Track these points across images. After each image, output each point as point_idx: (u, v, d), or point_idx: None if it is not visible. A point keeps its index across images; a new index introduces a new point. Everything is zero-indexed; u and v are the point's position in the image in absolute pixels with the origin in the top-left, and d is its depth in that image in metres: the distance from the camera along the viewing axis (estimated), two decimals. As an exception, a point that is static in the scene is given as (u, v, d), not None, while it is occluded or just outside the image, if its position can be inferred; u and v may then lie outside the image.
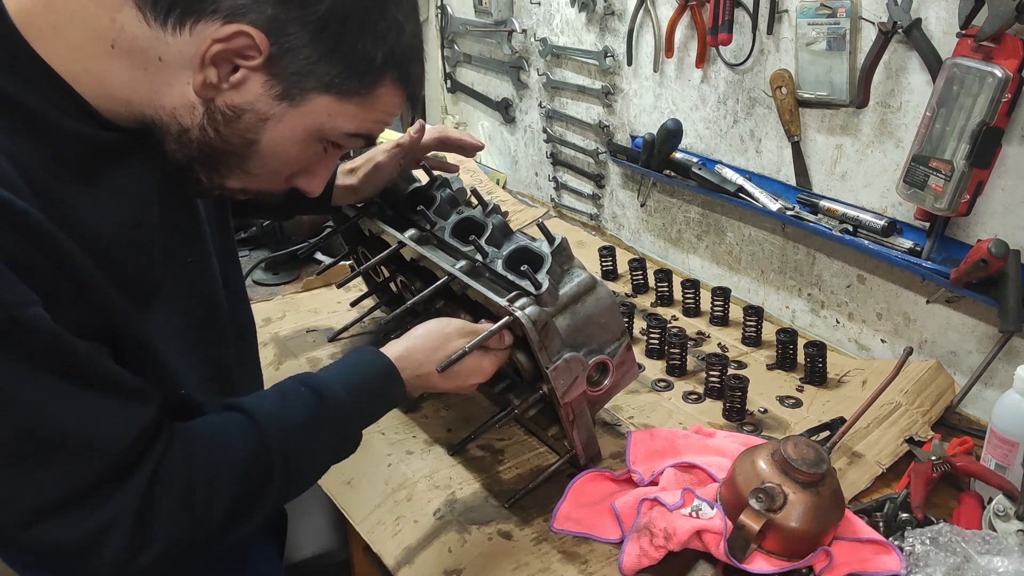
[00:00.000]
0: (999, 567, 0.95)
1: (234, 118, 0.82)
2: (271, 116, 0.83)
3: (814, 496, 1.03)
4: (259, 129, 0.84)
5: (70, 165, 0.80)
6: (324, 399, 0.94)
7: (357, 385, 0.98)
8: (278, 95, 0.82)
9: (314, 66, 0.81)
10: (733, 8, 1.63)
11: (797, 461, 1.03)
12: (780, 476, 1.04)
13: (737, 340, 1.67)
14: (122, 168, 0.86)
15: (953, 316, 1.45)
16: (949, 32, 1.30)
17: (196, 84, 0.80)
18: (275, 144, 0.85)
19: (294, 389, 0.95)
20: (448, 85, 2.73)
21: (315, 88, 0.83)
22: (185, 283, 0.97)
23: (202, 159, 0.85)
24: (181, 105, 0.81)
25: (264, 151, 0.86)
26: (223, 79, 0.80)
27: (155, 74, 0.79)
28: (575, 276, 1.16)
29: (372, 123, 0.89)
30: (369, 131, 0.90)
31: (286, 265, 1.99)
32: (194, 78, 0.79)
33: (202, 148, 0.84)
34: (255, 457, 0.87)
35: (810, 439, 1.10)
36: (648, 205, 2.07)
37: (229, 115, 0.82)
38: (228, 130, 0.83)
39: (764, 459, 1.06)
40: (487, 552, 1.13)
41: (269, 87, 0.81)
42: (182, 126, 0.82)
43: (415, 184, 1.48)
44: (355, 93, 0.85)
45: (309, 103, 0.83)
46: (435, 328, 1.09)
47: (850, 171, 1.54)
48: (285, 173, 0.92)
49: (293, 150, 0.88)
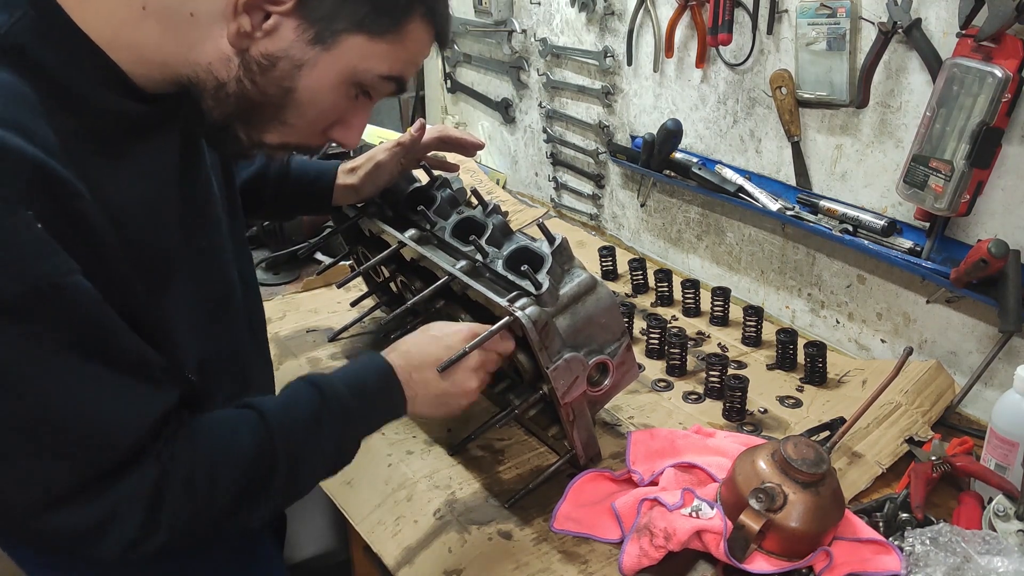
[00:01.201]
0: (999, 567, 0.95)
1: (269, 67, 0.83)
2: (305, 62, 0.84)
3: (814, 496, 1.03)
4: (294, 76, 0.84)
5: (100, 139, 0.80)
6: (325, 394, 0.94)
7: (355, 383, 0.98)
8: (311, 39, 0.83)
9: (343, 6, 0.82)
10: (733, 8, 1.63)
11: (797, 461, 1.04)
12: (780, 476, 1.04)
13: (737, 340, 1.67)
14: (147, 147, 0.87)
15: (953, 316, 1.45)
16: (949, 32, 1.30)
17: (230, 34, 0.81)
18: (311, 91, 0.86)
19: (296, 386, 0.96)
20: (448, 85, 2.73)
21: (346, 29, 0.84)
22: (200, 268, 0.97)
23: (240, 114, 0.86)
24: (216, 59, 0.82)
25: (300, 99, 0.86)
26: (256, 27, 0.81)
27: (188, 31, 0.80)
28: (575, 276, 1.16)
29: (404, 63, 0.90)
30: (401, 72, 0.90)
31: (286, 265, 1.99)
32: (227, 29, 0.80)
33: (240, 102, 0.84)
34: (260, 451, 0.87)
35: (810, 439, 1.10)
36: (648, 205, 2.07)
37: (264, 64, 0.83)
38: (264, 80, 0.84)
39: (764, 459, 1.06)
40: (487, 552, 1.13)
41: (301, 31, 0.82)
42: (219, 80, 0.83)
43: (415, 184, 1.48)
44: (386, 31, 0.86)
45: (341, 45, 0.84)
46: (434, 328, 1.09)
47: (850, 171, 1.54)
48: (322, 124, 0.92)
49: (329, 96, 0.88)
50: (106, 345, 0.76)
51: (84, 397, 0.75)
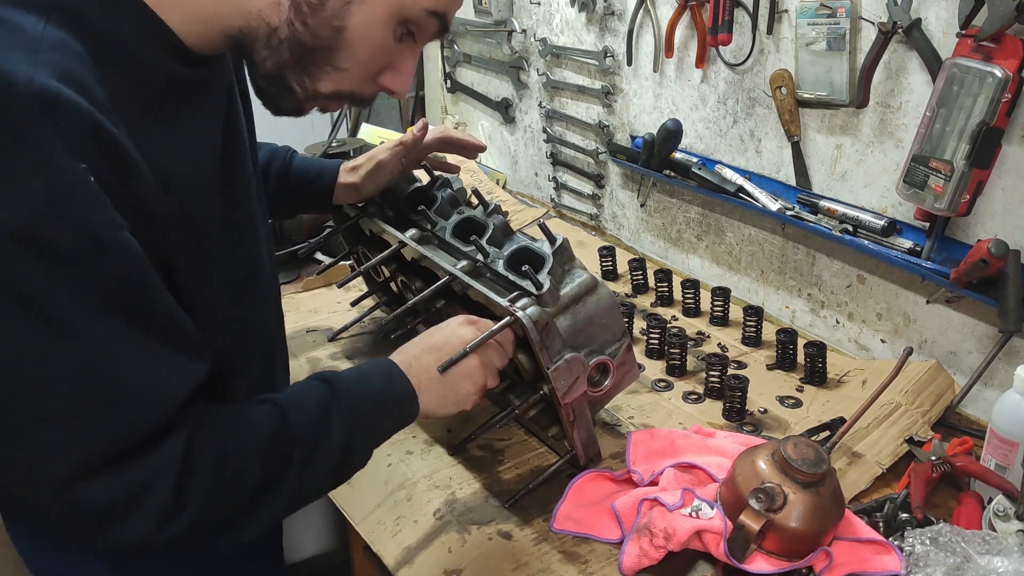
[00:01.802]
0: (999, 567, 0.95)
1: (319, 6, 0.83)
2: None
3: (814, 496, 1.03)
4: (344, 14, 0.85)
5: (150, 101, 0.81)
6: (334, 386, 0.94)
7: (360, 377, 0.98)
8: None
9: None
10: (733, 8, 1.63)
11: (797, 461, 1.04)
12: (780, 476, 1.04)
13: (737, 340, 1.67)
14: (195, 111, 0.88)
15: (953, 316, 1.45)
16: (949, 32, 1.30)
17: None
18: (361, 28, 0.86)
19: (306, 382, 0.96)
20: (448, 85, 2.73)
21: None
22: (235, 240, 0.97)
23: (293, 61, 0.86)
24: (266, 4, 0.83)
25: (352, 39, 0.86)
26: None
27: None
28: (576, 276, 1.16)
29: None
30: (445, 8, 0.91)
31: (286, 265, 1.99)
32: None
33: (292, 48, 0.85)
34: (278, 437, 0.86)
35: (810, 439, 1.10)
36: (648, 205, 2.07)
37: (314, 3, 0.83)
38: (315, 20, 0.84)
39: (764, 459, 1.06)
40: (487, 552, 1.13)
41: None
42: (270, 26, 0.83)
43: (416, 184, 1.48)
44: None
45: None
46: (438, 328, 1.09)
47: (850, 171, 1.54)
48: (373, 68, 0.92)
49: (379, 34, 0.88)
50: (150, 309, 0.76)
51: (128, 358, 0.74)
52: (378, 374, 1.00)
